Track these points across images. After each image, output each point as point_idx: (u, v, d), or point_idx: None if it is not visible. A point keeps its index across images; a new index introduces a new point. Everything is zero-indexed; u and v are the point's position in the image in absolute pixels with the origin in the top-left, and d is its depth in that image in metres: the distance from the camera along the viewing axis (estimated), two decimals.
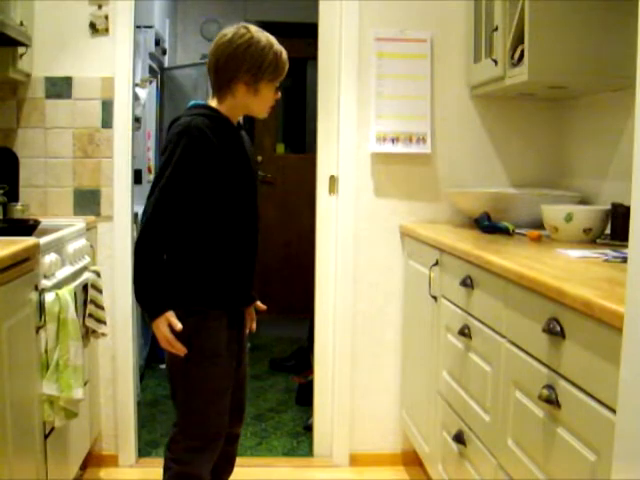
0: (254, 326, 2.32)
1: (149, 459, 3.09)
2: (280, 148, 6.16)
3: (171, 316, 1.98)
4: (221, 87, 2.02)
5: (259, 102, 2.04)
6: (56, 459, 2.32)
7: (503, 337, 1.86)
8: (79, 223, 2.73)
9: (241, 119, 2.15)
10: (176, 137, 1.94)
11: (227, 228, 2.02)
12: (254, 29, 2.00)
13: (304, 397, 3.67)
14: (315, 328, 3.15)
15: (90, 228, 2.86)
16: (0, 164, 2.91)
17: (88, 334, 2.63)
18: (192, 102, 2.09)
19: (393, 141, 3.00)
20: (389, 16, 3.00)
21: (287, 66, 2.05)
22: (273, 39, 2.02)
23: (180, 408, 2.08)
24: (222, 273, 2.04)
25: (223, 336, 2.06)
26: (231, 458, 2.27)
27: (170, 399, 2.17)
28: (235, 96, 2.01)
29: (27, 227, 2.43)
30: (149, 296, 1.99)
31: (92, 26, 2.93)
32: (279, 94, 2.09)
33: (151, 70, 4.41)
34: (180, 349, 1.98)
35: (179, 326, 1.97)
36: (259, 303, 2.28)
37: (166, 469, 2.10)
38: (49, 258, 2.24)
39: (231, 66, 1.97)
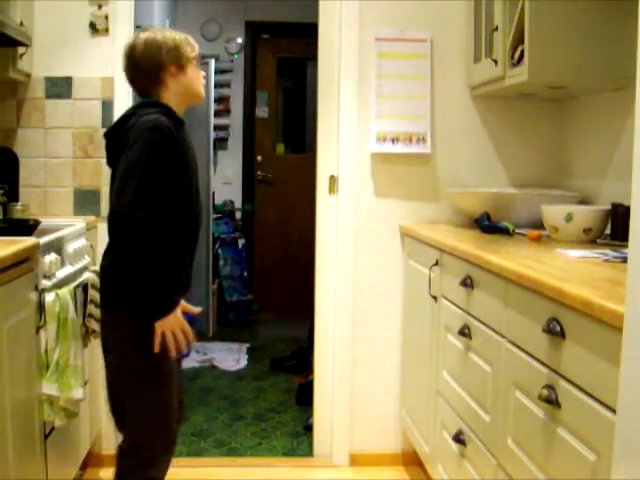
0: None
1: None
2: (280, 148, 6.16)
3: (184, 302, 2.05)
4: (152, 84, 2.06)
5: (192, 81, 2.10)
6: (56, 459, 2.32)
7: (503, 337, 1.86)
8: (79, 223, 2.73)
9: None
10: (147, 133, 1.92)
11: (183, 224, 2.04)
12: (152, 27, 2.16)
13: (304, 397, 3.67)
14: (315, 328, 3.15)
15: (90, 228, 2.86)
16: (0, 164, 2.91)
17: (88, 334, 2.62)
18: (141, 100, 2.10)
19: (393, 141, 3.00)
20: (389, 16, 3.00)
21: (195, 44, 2.13)
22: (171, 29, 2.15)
23: (138, 411, 2.04)
24: (178, 271, 2.05)
25: None
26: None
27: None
28: (168, 86, 2.06)
29: (27, 227, 2.43)
30: (163, 290, 1.95)
31: (92, 26, 2.93)
32: (204, 73, 2.17)
33: None
34: (192, 337, 2.01)
35: (196, 309, 2.09)
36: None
37: (123, 476, 2.07)
38: (49, 258, 2.24)
39: (152, 57, 2.04)
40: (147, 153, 1.91)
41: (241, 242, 5.69)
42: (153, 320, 1.95)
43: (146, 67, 2.06)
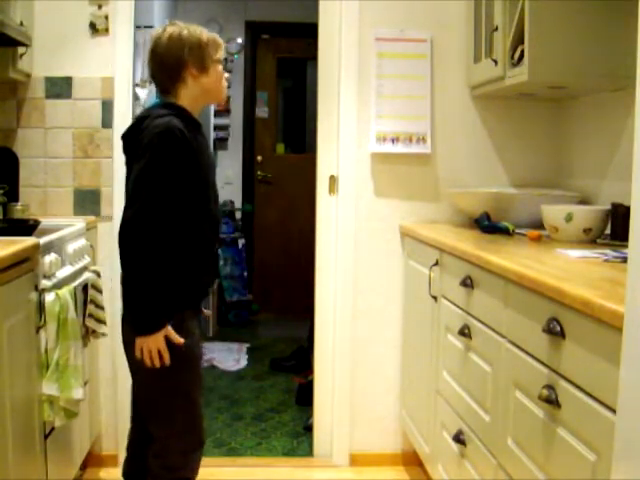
0: None
1: None
2: (280, 148, 6.16)
3: (170, 329, 1.95)
4: (172, 82, 2.03)
5: (213, 82, 2.06)
6: (56, 459, 2.32)
7: (503, 337, 1.86)
8: (79, 223, 2.73)
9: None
10: (157, 138, 1.90)
11: (200, 230, 2.02)
12: (179, 22, 2.07)
13: (304, 397, 3.67)
14: (315, 328, 3.15)
15: (90, 228, 2.86)
16: (0, 164, 2.91)
17: (88, 334, 2.62)
18: (156, 100, 2.07)
19: (393, 141, 3.00)
20: (389, 16, 3.00)
21: (222, 44, 2.10)
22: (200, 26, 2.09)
23: (167, 414, 2.03)
24: (196, 273, 2.04)
25: (198, 335, 2.08)
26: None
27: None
28: (188, 85, 2.03)
29: (27, 227, 2.43)
30: (152, 309, 1.93)
31: (92, 26, 2.93)
32: (227, 74, 2.10)
33: None
34: (168, 359, 1.94)
35: (180, 339, 1.95)
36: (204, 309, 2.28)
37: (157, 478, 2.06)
38: (49, 258, 2.24)
39: (174, 55, 2.00)
40: (156, 161, 1.90)
41: (241, 242, 5.69)
42: (136, 333, 1.94)
43: (167, 63, 2.02)
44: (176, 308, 2.00)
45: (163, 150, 1.90)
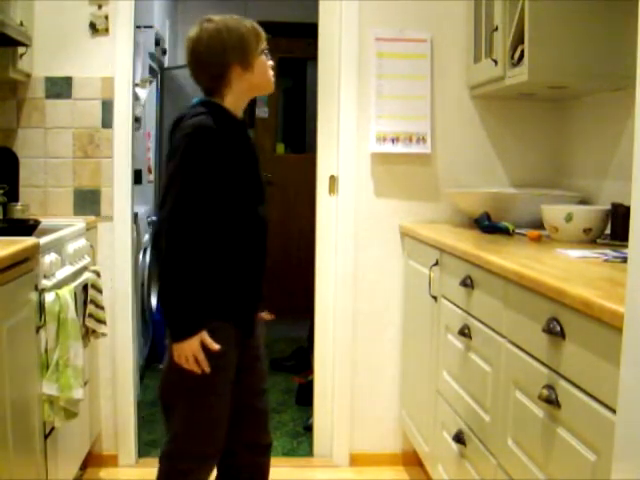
0: (264, 331, 2.26)
1: (149, 459, 3.08)
2: (280, 148, 6.16)
3: (205, 335, 1.88)
4: (216, 83, 1.94)
5: (259, 77, 1.97)
6: (56, 459, 2.32)
7: (503, 337, 1.86)
8: (79, 223, 2.73)
9: (246, 117, 2.10)
10: (187, 140, 1.85)
11: (239, 233, 1.95)
12: (215, 16, 1.98)
13: (304, 397, 3.67)
14: (315, 328, 3.15)
15: (90, 228, 2.86)
16: (0, 164, 2.92)
17: (88, 334, 2.63)
18: (196, 99, 2.00)
19: (393, 141, 3.00)
20: (389, 16, 3.00)
21: (263, 32, 1.99)
22: (236, 17, 1.99)
23: (182, 419, 1.98)
24: (235, 283, 1.98)
25: (232, 348, 1.99)
26: (266, 470, 2.18)
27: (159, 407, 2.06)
28: (233, 85, 1.94)
29: (27, 227, 2.43)
30: (184, 313, 1.87)
31: (92, 26, 2.93)
32: (271, 62, 2.02)
33: (151, 70, 4.42)
34: (207, 367, 1.88)
35: (215, 346, 1.88)
36: (264, 314, 2.22)
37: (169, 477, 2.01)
38: (49, 258, 2.24)
39: (215, 56, 1.91)
40: (185, 161, 1.84)
41: None
42: (172, 340, 1.90)
43: (209, 66, 1.93)
44: (211, 316, 1.93)
45: (192, 149, 1.84)
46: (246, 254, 1.99)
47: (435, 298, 2.51)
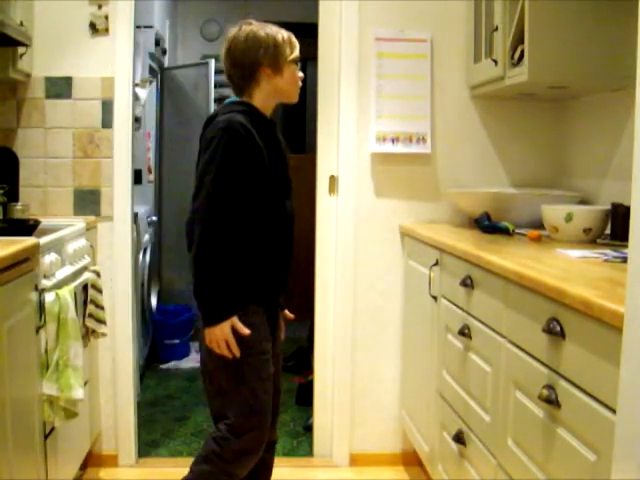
0: (283, 336, 2.29)
1: (149, 459, 3.08)
2: None
3: (236, 320, 1.96)
4: (246, 81, 2.04)
5: (286, 83, 2.08)
6: (56, 459, 2.32)
7: (503, 337, 1.86)
8: (79, 223, 2.73)
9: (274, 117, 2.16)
10: (220, 133, 1.93)
11: (266, 224, 2.02)
12: (255, 21, 2.08)
13: (304, 397, 3.67)
14: (315, 328, 3.15)
15: (90, 228, 2.86)
16: (0, 164, 2.92)
17: (88, 334, 2.63)
18: (229, 99, 2.09)
19: (393, 141, 3.00)
20: (389, 16, 3.00)
21: (298, 44, 2.11)
22: (276, 25, 2.09)
23: (230, 405, 2.00)
24: (262, 268, 2.04)
25: (265, 331, 2.05)
26: (270, 465, 2.24)
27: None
28: (261, 85, 2.04)
29: (27, 227, 2.43)
30: (215, 299, 1.95)
31: (92, 26, 2.93)
32: (301, 74, 2.13)
33: (151, 70, 4.42)
34: (237, 351, 1.95)
35: (246, 331, 1.95)
36: (287, 312, 2.27)
37: (207, 463, 2.01)
38: (49, 258, 2.24)
39: (249, 55, 2.01)
40: (218, 154, 1.92)
41: None
42: (204, 324, 1.96)
43: (242, 64, 2.03)
44: (242, 302, 2.00)
45: (226, 142, 1.92)
46: (272, 245, 2.05)
47: (435, 298, 2.51)
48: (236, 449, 2.00)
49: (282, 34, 2.07)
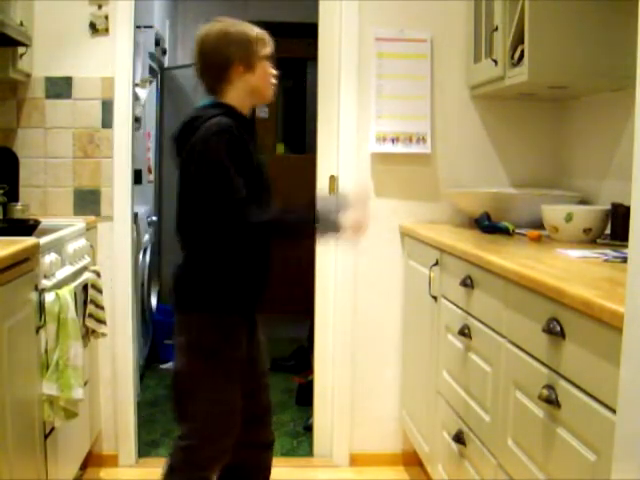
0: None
1: (149, 459, 3.08)
2: (280, 148, 6.16)
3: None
4: (219, 81, 2.00)
5: (259, 80, 2.02)
6: (56, 459, 2.32)
7: (503, 337, 1.86)
8: (79, 223, 2.73)
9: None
10: (214, 137, 1.89)
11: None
12: (226, 18, 2.05)
13: (304, 397, 3.66)
14: (315, 328, 3.15)
15: (90, 228, 2.86)
16: (0, 164, 2.92)
17: (88, 334, 2.63)
18: (205, 101, 2.04)
19: (393, 141, 3.00)
20: (389, 16, 3.00)
21: (270, 40, 2.05)
22: (247, 23, 2.06)
23: (200, 413, 2.00)
24: (245, 279, 2.04)
25: (239, 339, 2.05)
26: (269, 466, 2.22)
27: (170, 402, 2.11)
28: (234, 84, 2.00)
29: (27, 227, 2.43)
30: (303, 226, 2.00)
31: (92, 26, 2.93)
32: (275, 71, 2.07)
33: (151, 70, 4.42)
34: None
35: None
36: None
37: (180, 475, 2.03)
38: (49, 258, 2.24)
39: (221, 53, 1.98)
40: (221, 155, 1.89)
41: None
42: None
43: (213, 62, 2.00)
44: (228, 310, 2.01)
45: (221, 147, 1.89)
46: (257, 250, 2.05)
47: (435, 298, 2.51)
48: (205, 456, 2.01)
49: (254, 31, 2.03)
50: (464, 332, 2.15)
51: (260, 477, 2.21)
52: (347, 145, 3.03)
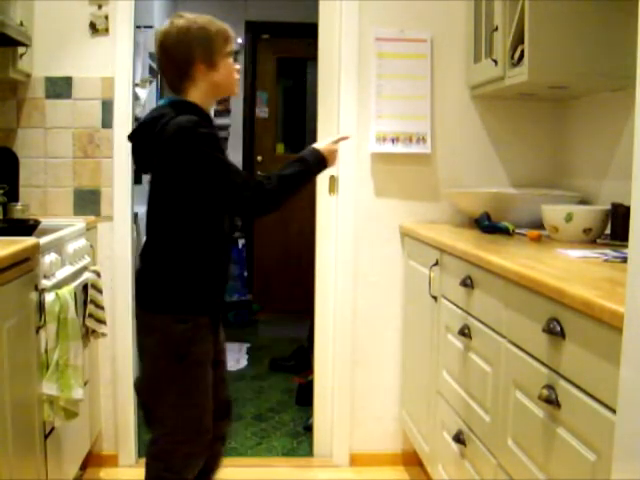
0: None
1: None
2: (280, 148, 6.16)
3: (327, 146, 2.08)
4: (181, 79, 1.99)
5: (223, 77, 2.01)
6: (56, 459, 2.32)
7: (503, 337, 1.86)
8: (79, 223, 2.73)
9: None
10: (189, 131, 1.88)
11: (216, 224, 2.03)
12: (188, 14, 2.01)
13: (304, 397, 3.67)
14: (315, 328, 3.15)
15: (90, 228, 2.86)
16: (0, 164, 2.91)
17: (88, 334, 2.63)
18: (169, 98, 2.03)
19: (393, 141, 3.00)
20: (389, 16, 3.00)
21: (233, 35, 2.05)
22: (209, 17, 2.03)
23: (171, 416, 2.02)
24: (209, 280, 2.05)
25: (210, 341, 2.07)
26: (220, 457, 2.28)
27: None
28: (197, 82, 1.98)
29: (27, 227, 2.43)
30: (308, 172, 2.03)
31: (92, 26, 2.93)
32: (238, 66, 2.08)
33: (151, 70, 4.42)
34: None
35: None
36: None
37: (155, 477, 2.05)
38: (49, 258, 2.24)
39: (182, 52, 1.95)
40: (205, 147, 1.89)
41: (241, 242, 5.69)
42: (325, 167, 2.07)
43: (176, 60, 1.97)
44: (191, 311, 2.00)
45: (202, 140, 1.88)
46: (218, 249, 2.06)
47: (435, 298, 2.51)
48: (178, 461, 2.02)
49: (215, 26, 1.99)
50: (464, 332, 2.15)
51: (214, 465, 2.25)
52: (347, 145, 3.02)
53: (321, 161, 2.05)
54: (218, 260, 2.06)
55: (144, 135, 1.99)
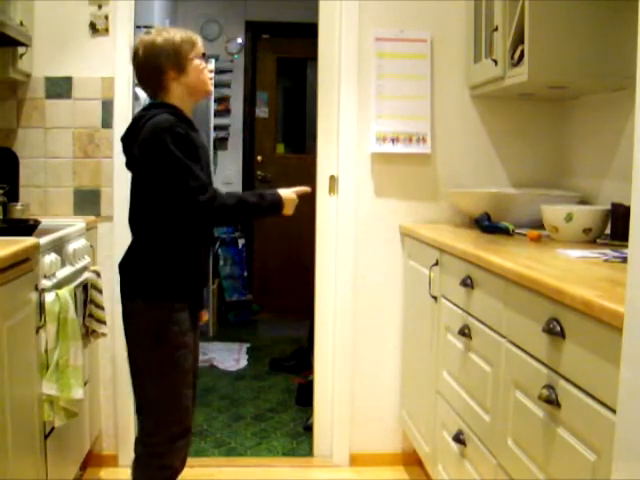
0: (206, 317, 2.40)
1: None
2: (280, 148, 6.16)
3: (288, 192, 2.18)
4: (158, 88, 2.13)
5: (194, 80, 2.14)
6: (56, 459, 2.32)
7: (503, 337, 1.86)
8: (79, 223, 2.73)
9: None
10: (162, 130, 2.00)
11: (186, 223, 2.11)
12: (155, 29, 2.18)
13: (304, 397, 3.67)
14: (315, 328, 3.15)
15: (90, 228, 2.86)
16: (0, 164, 2.91)
17: (88, 334, 2.63)
18: (151, 102, 2.17)
19: (393, 141, 3.00)
20: (389, 16, 3.00)
21: (199, 39, 2.16)
22: (175, 28, 2.18)
23: (153, 402, 2.12)
24: (188, 265, 2.13)
25: (188, 326, 2.13)
26: (187, 452, 2.31)
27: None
28: (171, 89, 2.12)
29: (27, 227, 2.42)
30: (260, 206, 2.12)
31: (92, 26, 2.93)
32: (209, 65, 2.21)
33: None
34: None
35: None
36: (204, 312, 2.36)
37: (143, 466, 2.13)
38: (49, 258, 2.24)
39: (152, 65, 2.09)
40: (173, 146, 1.99)
41: (241, 242, 5.69)
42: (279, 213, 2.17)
43: (147, 73, 2.12)
44: (167, 297, 2.09)
45: (173, 140, 1.99)
46: (197, 239, 2.16)
47: (435, 298, 2.51)
48: (160, 444, 2.10)
49: (180, 35, 2.12)
50: (464, 332, 2.15)
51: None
52: (347, 145, 3.03)
53: (277, 206, 2.15)
54: (192, 250, 2.13)
55: (127, 136, 2.12)
